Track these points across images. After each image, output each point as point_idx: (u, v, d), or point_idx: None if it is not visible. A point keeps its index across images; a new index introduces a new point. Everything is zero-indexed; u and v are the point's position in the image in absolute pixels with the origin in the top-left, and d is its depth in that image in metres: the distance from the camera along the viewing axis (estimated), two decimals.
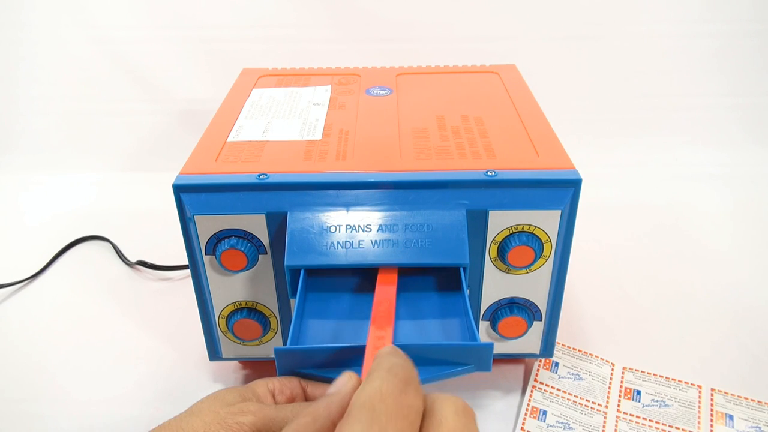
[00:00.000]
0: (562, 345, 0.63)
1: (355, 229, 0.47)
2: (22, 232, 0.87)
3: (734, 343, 0.64)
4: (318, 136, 0.56)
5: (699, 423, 0.55)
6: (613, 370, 0.60)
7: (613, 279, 0.74)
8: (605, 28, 0.96)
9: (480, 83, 0.68)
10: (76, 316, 0.70)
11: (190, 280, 0.74)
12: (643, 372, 0.60)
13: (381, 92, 0.66)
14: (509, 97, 0.63)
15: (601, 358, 0.61)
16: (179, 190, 0.48)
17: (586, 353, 0.62)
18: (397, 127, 0.57)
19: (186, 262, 0.51)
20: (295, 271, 0.47)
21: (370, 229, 0.47)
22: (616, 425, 0.55)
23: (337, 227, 0.47)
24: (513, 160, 0.51)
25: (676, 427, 0.55)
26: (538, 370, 0.60)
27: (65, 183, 0.98)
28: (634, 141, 1.01)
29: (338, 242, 0.46)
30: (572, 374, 0.60)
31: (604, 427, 0.55)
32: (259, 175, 0.49)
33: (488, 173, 0.48)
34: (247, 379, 0.61)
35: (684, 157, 0.99)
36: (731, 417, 0.55)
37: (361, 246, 0.46)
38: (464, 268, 0.46)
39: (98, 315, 0.70)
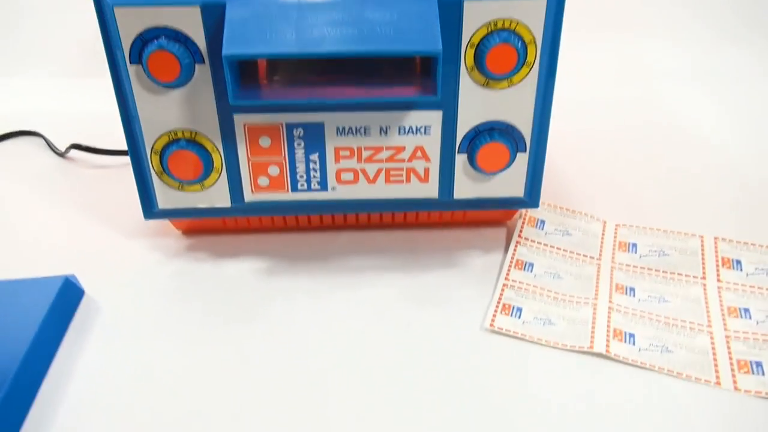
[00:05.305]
0: (548, 204, 0.56)
1: (307, 12, 0.39)
2: None
3: (728, 200, 0.59)
4: None
5: (704, 269, 0.49)
6: (604, 226, 0.54)
7: (598, 144, 0.68)
8: None
9: None
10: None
11: (126, 169, 0.66)
12: (638, 227, 0.54)
13: None
14: None
15: (591, 216, 0.55)
16: None
17: (575, 212, 0.55)
18: None
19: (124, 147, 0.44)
20: (235, 66, 0.39)
21: (327, 15, 0.39)
22: (611, 275, 0.49)
23: (286, 11, 0.39)
24: None
25: (679, 273, 0.49)
26: (522, 226, 0.53)
27: None
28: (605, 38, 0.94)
29: (287, 28, 0.39)
30: (560, 231, 0.53)
31: (598, 277, 0.49)
32: None
33: None
34: (192, 250, 0.53)
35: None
36: (739, 262, 0.49)
37: (314, 33, 0.39)
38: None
39: (28, 205, 0.61)
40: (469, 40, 0.42)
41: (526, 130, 0.46)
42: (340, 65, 0.45)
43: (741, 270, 0.49)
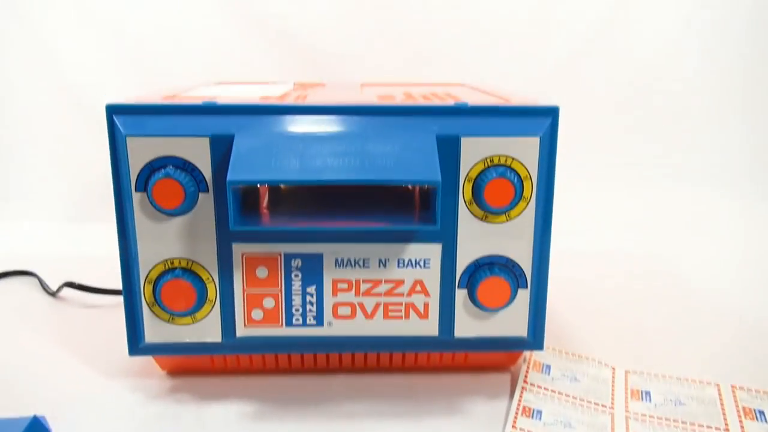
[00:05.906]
0: (552, 349, 0.53)
1: (312, 143, 0.41)
2: None
3: (735, 346, 0.57)
4: (277, 93, 0.51)
5: (725, 420, 0.45)
6: (614, 372, 0.51)
7: (599, 291, 0.68)
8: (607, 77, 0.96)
9: (449, 87, 0.66)
10: None
11: (116, 310, 0.65)
12: (650, 374, 0.51)
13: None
14: (481, 92, 0.61)
15: (598, 361, 0.52)
16: (113, 111, 0.42)
17: (581, 356, 0.53)
18: (360, 93, 0.54)
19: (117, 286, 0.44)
20: (238, 192, 0.40)
21: (330, 147, 0.41)
22: (627, 425, 0.45)
23: (292, 142, 0.41)
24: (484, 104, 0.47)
25: (699, 424, 0.45)
26: (527, 371, 0.50)
27: None
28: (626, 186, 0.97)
29: (292, 158, 0.40)
30: (567, 376, 0.50)
31: (612, 427, 0.45)
32: (204, 102, 0.44)
33: (459, 104, 0.44)
34: (175, 391, 0.49)
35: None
36: (762, 412, 0.46)
37: (317, 162, 0.40)
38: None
39: (12, 343, 0.59)
40: (467, 174, 0.43)
41: (526, 265, 0.46)
42: (341, 200, 0.46)
43: (765, 421, 0.45)
